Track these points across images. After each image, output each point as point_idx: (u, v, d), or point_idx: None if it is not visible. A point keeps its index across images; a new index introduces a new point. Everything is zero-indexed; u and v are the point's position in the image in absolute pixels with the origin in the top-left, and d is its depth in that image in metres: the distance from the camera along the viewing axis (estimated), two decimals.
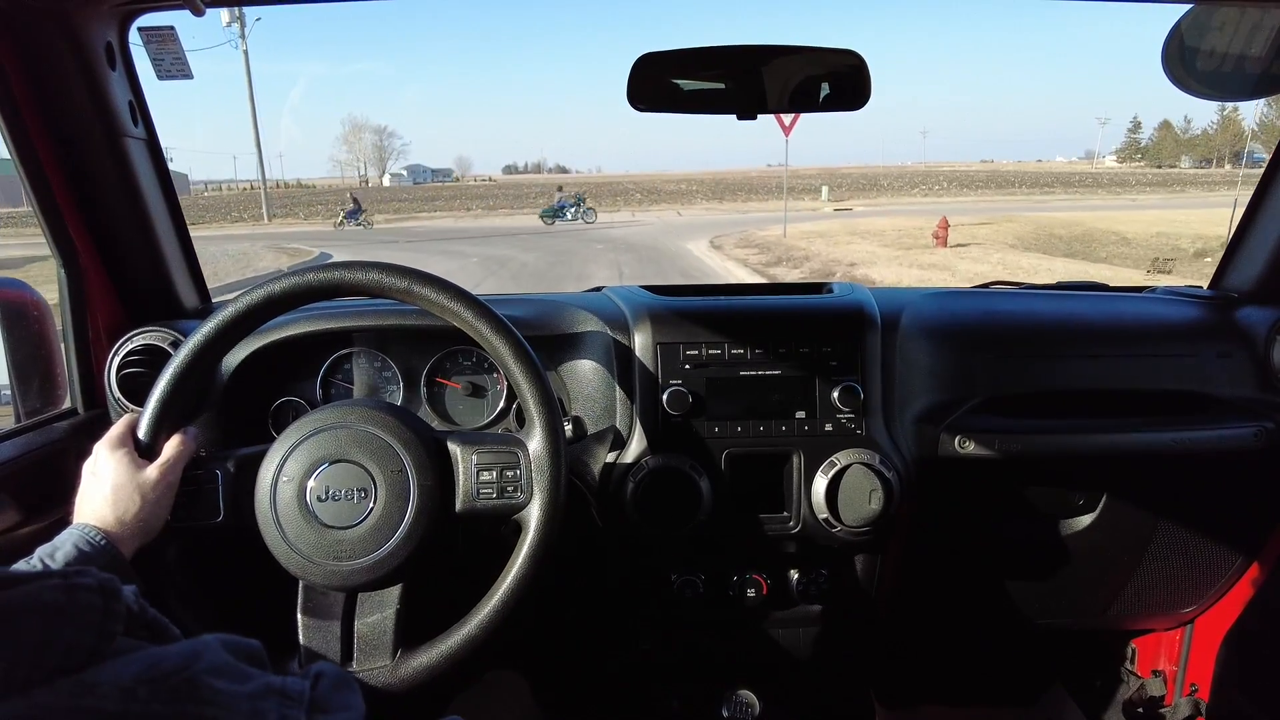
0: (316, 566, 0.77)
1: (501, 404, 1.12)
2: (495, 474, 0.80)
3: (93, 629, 0.38)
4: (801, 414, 1.05)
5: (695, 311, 1.07)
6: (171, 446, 0.79)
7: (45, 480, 0.99)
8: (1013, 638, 1.48)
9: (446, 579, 0.90)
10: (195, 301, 1.22)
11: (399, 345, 1.12)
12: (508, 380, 0.92)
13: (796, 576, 1.11)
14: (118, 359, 1.05)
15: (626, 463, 1.02)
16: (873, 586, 1.13)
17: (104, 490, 0.74)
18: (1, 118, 0.96)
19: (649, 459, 1.01)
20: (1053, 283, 1.36)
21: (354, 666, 0.78)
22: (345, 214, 24.13)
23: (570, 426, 1.04)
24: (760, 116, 1.03)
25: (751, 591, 1.11)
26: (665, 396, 1.03)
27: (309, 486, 0.78)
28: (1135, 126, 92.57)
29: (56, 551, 0.69)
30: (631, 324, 1.07)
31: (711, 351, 1.04)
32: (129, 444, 0.78)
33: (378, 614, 0.79)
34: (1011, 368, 1.12)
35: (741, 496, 1.05)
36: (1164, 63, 1.16)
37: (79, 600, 0.38)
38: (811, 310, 1.11)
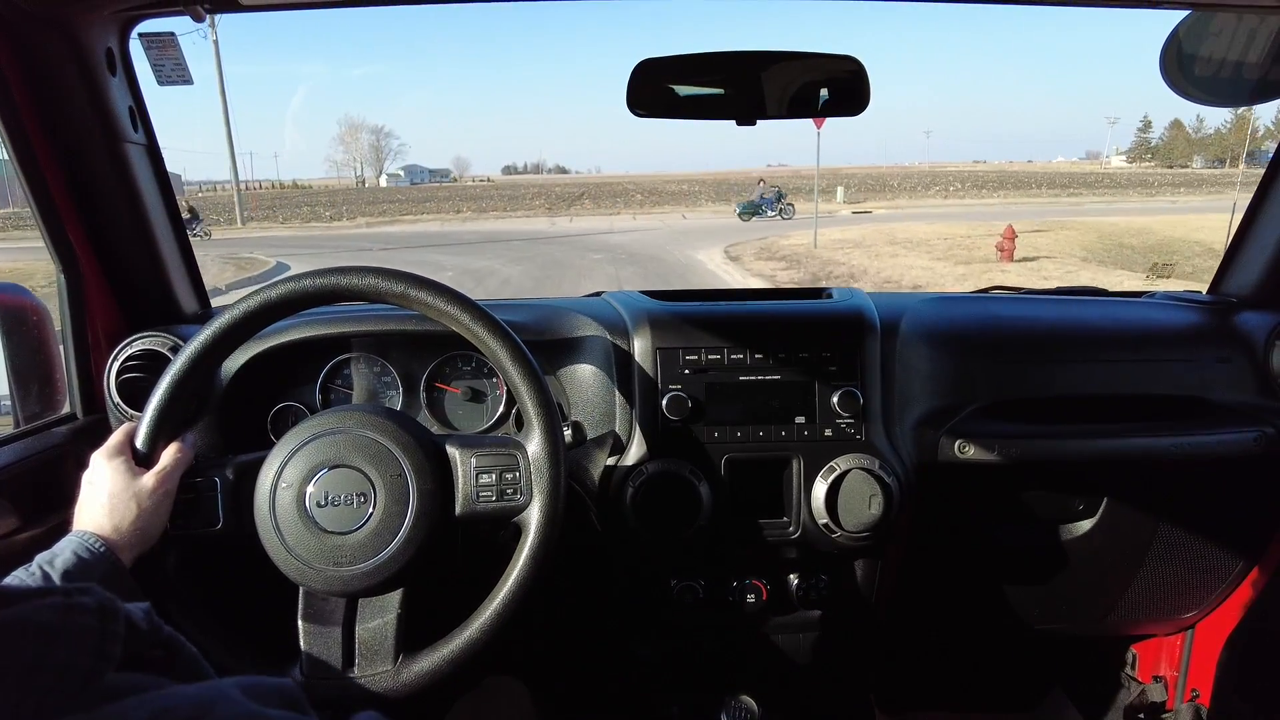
0: (316, 572, 0.77)
1: (501, 409, 1.12)
2: (494, 477, 0.80)
3: (88, 651, 0.36)
4: (801, 419, 1.05)
5: (695, 316, 1.07)
6: (169, 455, 0.79)
7: (44, 485, 0.99)
8: (1013, 643, 1.47)
9: (447, 583, 0.89)
10: (194, 306, 1.22)
11: (398, 350, 1.12)
12: (506, 383, 0.92)
13: (796, 582, 1.11)
14: (117, 364, 1.05)
15: (626, 468, 1.02)
16: (873, 592, 1.13)
17: (101, 499, 0.74)
18: (2, 123, 0.96)
19: (648, 464, 1.01)
20: (1052, 287, 1.36)
21: (355, 672, 0.78)
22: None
23: (570, 431, 1.04)
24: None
25: (751, 597, 1.11)
26: (665, 401, 1.03)
27: (308, 492, 0.77)
28: (1145, 126, 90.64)
29: (56, 559, 0.68)
30: (631, 329, 1.07)
31: (711, 356, 1.04)
32: (126, 453, 0.78)
33: (379, 619, 0.79)
34: (1011, 373, 1.12)
35: (741, 502, 1.05)
36: (1162, 68, 1.16)
37: (75, 621, 0.36)
38: (811, 315, 1.11)
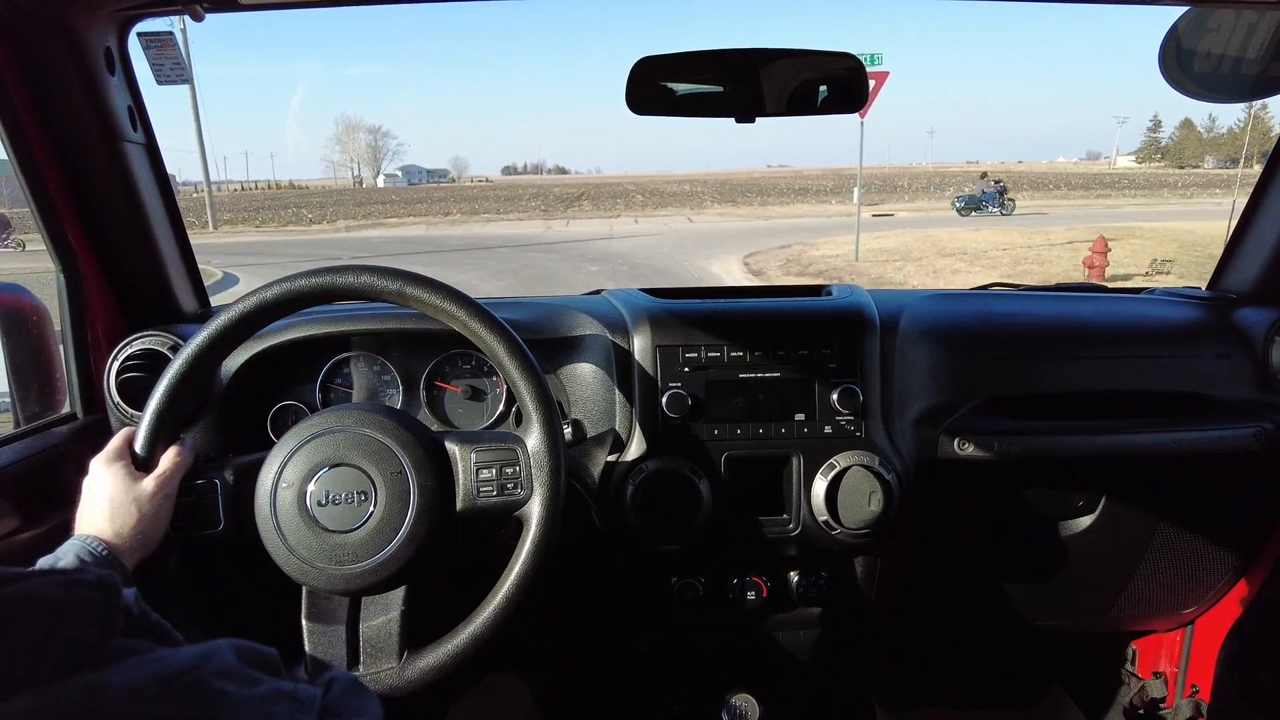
0: (319, 571, 0.77)
1: (501, 407, 1.12)
2: (495, 471, 0.80)
3: (94, 624, 0.38)
4: (801, 416, 1.05)
5: (694, 314, 1.07)
6: (168, 459, 0.79)
7: (45, 485, 0.99)
8: (1013, 640, 1.48)
9: (450, 580, 0.90)
10: (194, 306, 1.22)
11: (398, 349, 1.12)
12: (504, 378, 0.92)
13: (796, 579, 1.11)
14: (117, 363, 1.05)
15: (626, 466, 1.02)
16: (873, 589, 1.13)
17: (101, 504, 0.75)
18: (1, 123, 0.96)
19: (648, 462, 1.01)
20: (1051, 284, 1.36)
21: (361, 670, 0.78)
22: None
23: (570, 429, 1.04)
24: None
25: (751, 594, 1.11)
26: (664, 399, 1.03)
27: (309, 491, 0.78)
28: (1155, 125, 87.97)
29: (58, 561, 0.69)
30: (631, 327, 1.07)
31: (711, 354, 1.04)
32: (125, 457, 0.78)
33: (383, 616, 0.79)
34: (1010, 369, 1.12)
35: (741, 499, 1.05)
36: (1161, 65, 1.16)
37: (79, 595, 0.38)
38: (811, 313, 1.11)
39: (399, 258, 14.44)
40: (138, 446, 0.79)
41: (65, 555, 0.70)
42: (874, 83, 9.44)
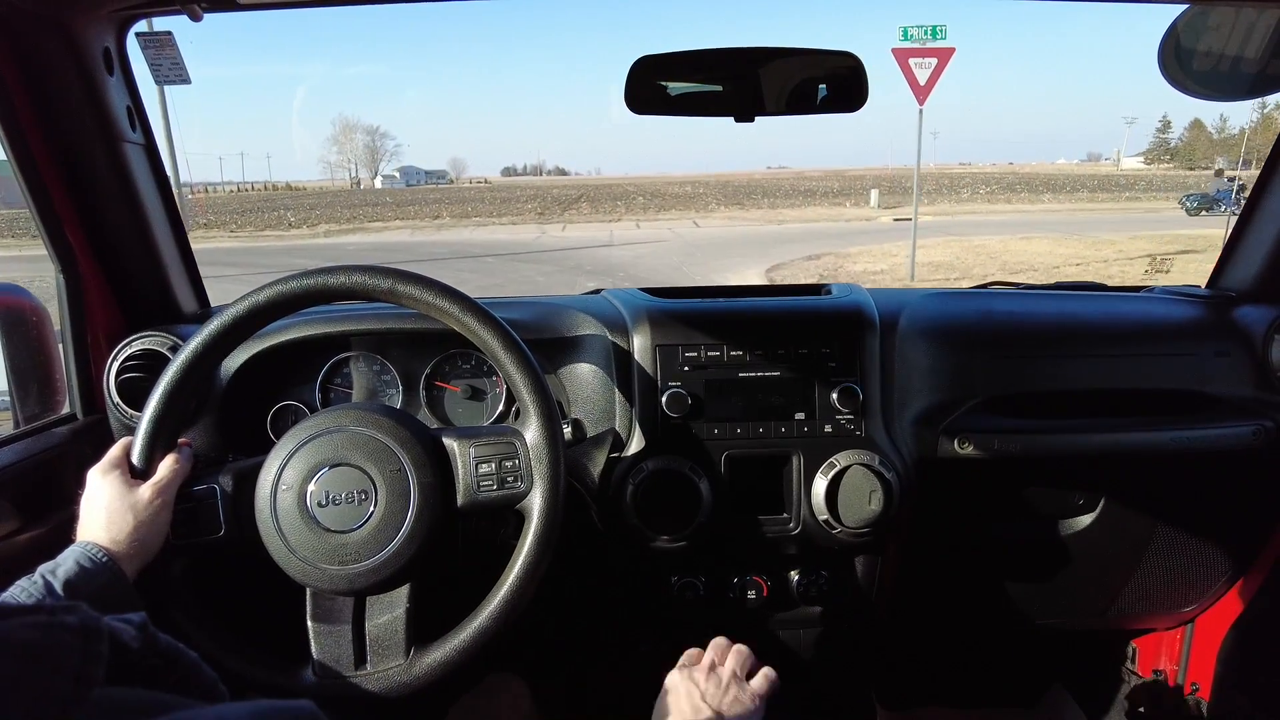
0: (322, 572, 0.77)
1: (501, 406, 1.12)
2: (494, 465, 0.80)
3: (68, 674, 0.33)
4: (801, 415, 1.05)
5: (694, 314, 1.07)
6: (166, 467, 0.79)
7: (44, 485, 0.99)
8: (1013, 638, 1.48)
9: (454, 578, 0.89)
10: (194, 306, 1.22)
11: (397, 349, 1.12)
12: (500, 373, 0.92)
13: (797, 578, 1.11)
14: (116, 364, 1.05)
15: (626, 465, 1.02)
16: (873, 588, 1.13)
17: (99, 513, 0.75)
18: (0, 123, 0.96)
19: (648, 461, 1.01)
20: (1051, 283, 1.36)
21: (368, 668, 0.78)
22: None
23: (569, 429, 1.04)
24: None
25: (752, 593, 1.11)
26: (664, 399, 1.03)
27: (309, 492, 0.78)
28: (1164, 126, 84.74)
29: (58, 568, 0.69)
30: (630, 326, 1.07)
31: (710, 353, 1.04)
32: (122, 466, 0.78)
33: (388, 614, 0.79)
34: (1010, 368, 1.12)
35: (741, 498, 1.05)
36: (1161, 63, 1.16)
37: (56, 640, 0.34)
38: (810, 311, 1.11)
39: None
40: (134, 455, 0.79)
41: (65, 562, 0.69)
42: (935, 61, 8.07)
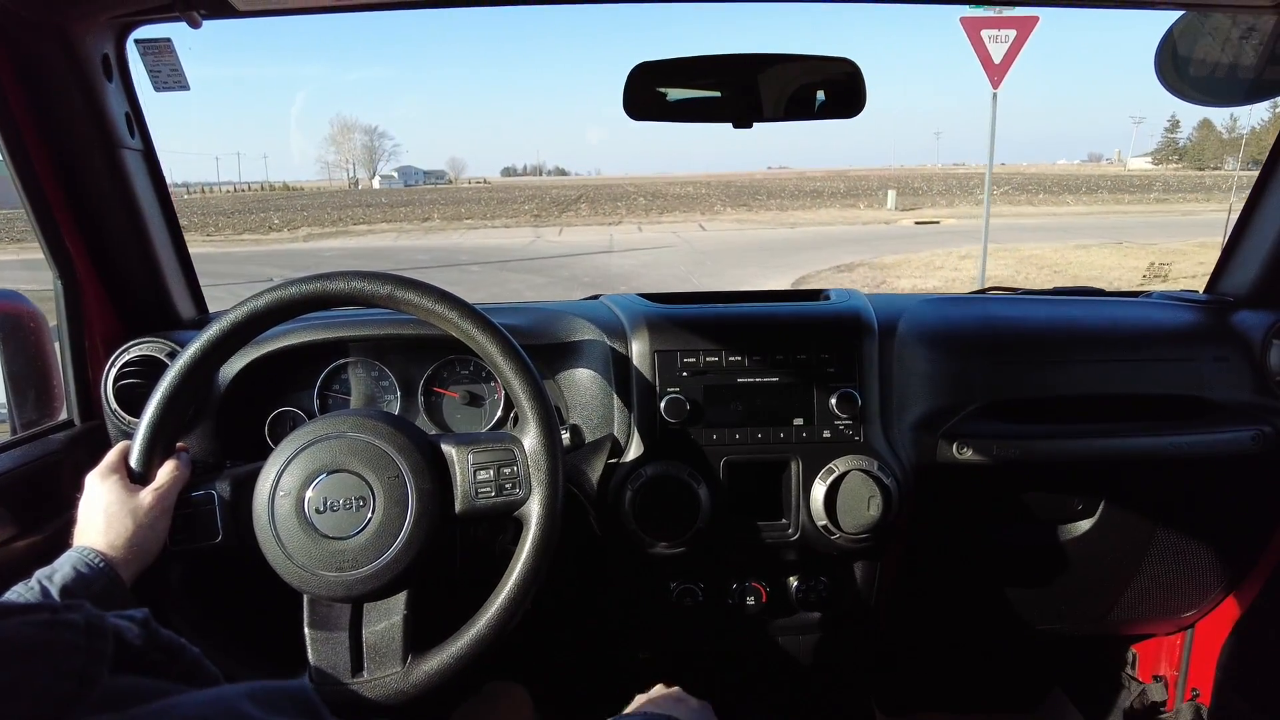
0: (319, 579, 0.76)
1: (499, 412, 1.12)
2: (492, 472, 0.80)
3: (72, 674, 0.33)
4: (799, 421, 1.04)
5: (692, 319, 1.07)
6: (165, 472, 0.79)
7: (42, 492, 0.99)
8: (1013, 644, 1.47)
9: (452, 586, 0.89)
10: (192, 312, 1.22)
11: (396, 355, 1.12)
12: (499, 379, 0.92)
13: (796, 584, 1.11)
14: (114, 370, 1.05)
15: (624, 471, 1.02)
16: (872, 593, 1.13)
17: (97, 519, 0.74)
18: None
19: (647, 467, 1.01)
20: (1049, 288, 1.36)
21: (365, 676, 0.78)
22: None
23: (568, 435, 1.04)
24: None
25: (751, 599, 1.11)
26: (663, 404, 1.03)
27: (307, 498, 0.77)
28: (1173, 126, 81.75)
29: (55, 574, 0.68)
30: (629, 332, 1.07)
31: (709, 359, 1.04)
32: (121, 471, 0.78)
33: (385, 622, 0.79)
34: (1009, 373, 1.12)
35: (740, 504, 1.05)
36: (1157, 69, 1.16)
37: (59, 639, 0.34)
38: (809, 317, 1.11)
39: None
40: (133, 460, 0.79)
41: (62, 567, 0.69)
42: (1014, 33, 5.99)
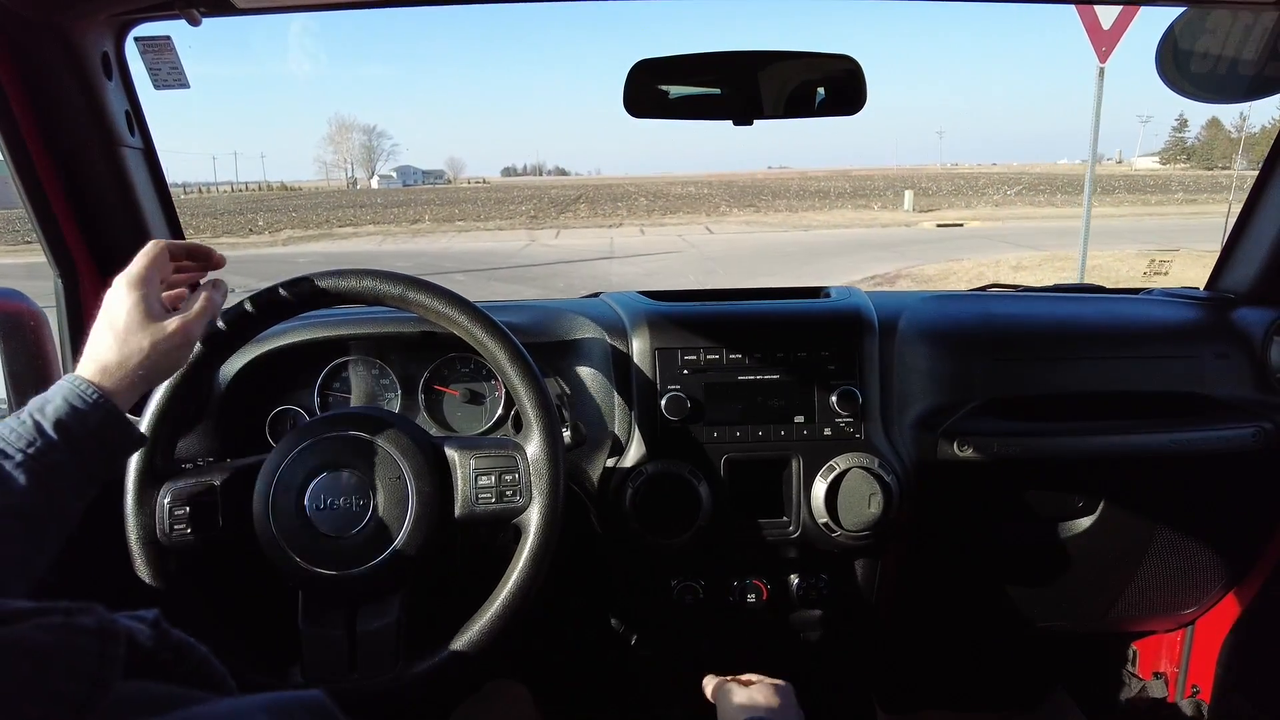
0: (315, 575, 0.76)
1: (500, 411, 1.12)
2: (494, 478, 0.80)
3: (85, 678, 0.33)
4: (800, 418, 1.05)
5: (693, 317, 1.07)
6: (198, 302, 0.73)
7: None
8: (1014, 641, 1.47)
9: (448, 586, 0.89)
10: None
11: (396, 353, 1.12)
12: (504, 384, 0.92)
13: (797, 582, 1.11)
14: None
15: (625, 469, 1.02)
16: (873, 591, 1.13)
17: (105, 334, 0.68)
18: None
19: (648, 465, 1.01)
20: (1050, 285, 1.36)
21: (357, 675, 0.78)
22: None
23: (569, 433, 1.04)
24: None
25: (751, 597, 1.11)
26: (664, 402, 1.03)
27: (306, 495, 0.77)
28: (1181, 125, 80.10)
29: (47, 406, 0.65)
30: (629, 330, 1.07)
31: (709, 357, 1.04)
32: (154, 286, 0.71)
33: (380, 621, 0.79)
34: (1009, 371, 1.12)
35: (741, 501, 1.05)
36: (1158, 66, 1.16)
37: (73, 644, 0.33)
38: (809, 315, 1.11)
39: None
40: (133, 462, 0.78)
41: (54, 399, 0.65)
42: (1117, 10, 5.26)
